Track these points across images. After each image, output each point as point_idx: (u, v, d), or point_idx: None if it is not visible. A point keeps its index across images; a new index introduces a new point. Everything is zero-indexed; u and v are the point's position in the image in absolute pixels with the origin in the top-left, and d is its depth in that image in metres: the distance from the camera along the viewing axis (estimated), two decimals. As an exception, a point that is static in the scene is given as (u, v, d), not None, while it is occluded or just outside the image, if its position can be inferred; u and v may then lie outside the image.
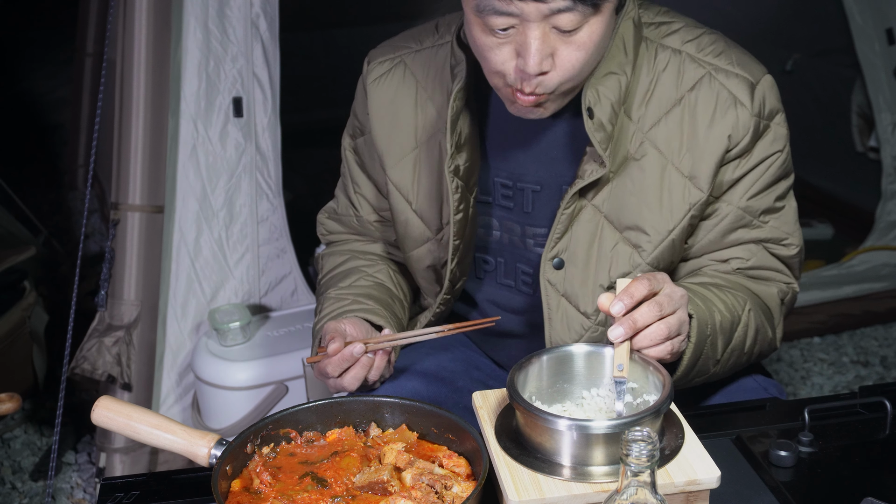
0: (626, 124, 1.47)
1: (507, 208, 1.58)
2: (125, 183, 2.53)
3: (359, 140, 1.70)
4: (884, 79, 3.58)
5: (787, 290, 1.58)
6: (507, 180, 1.57)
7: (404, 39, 1.66)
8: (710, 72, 1.46)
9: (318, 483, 1.19)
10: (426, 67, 1.60)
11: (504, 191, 1.58)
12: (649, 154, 1.47)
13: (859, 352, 3.27)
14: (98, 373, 2.47)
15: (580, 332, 1.53)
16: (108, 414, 1.24)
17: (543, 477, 1.16)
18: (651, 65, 1.48)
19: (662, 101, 1.47)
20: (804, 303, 3.30)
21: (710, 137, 1.45)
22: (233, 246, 2.63)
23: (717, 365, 1.47)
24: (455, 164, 1.50)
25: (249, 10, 2.58)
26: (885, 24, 3.54)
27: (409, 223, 1.62)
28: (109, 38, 2.69)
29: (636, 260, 1.50)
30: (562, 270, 1.52)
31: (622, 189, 1.48)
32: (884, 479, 1.29)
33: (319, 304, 1.66)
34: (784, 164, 1.51)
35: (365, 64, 1.67)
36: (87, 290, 2.94)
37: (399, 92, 1.61)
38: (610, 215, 1.50)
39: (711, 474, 1.16)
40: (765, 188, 1.50)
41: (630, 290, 1.28)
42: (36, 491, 2.65)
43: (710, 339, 1.42)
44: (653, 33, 1.50)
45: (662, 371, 1.24)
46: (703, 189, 1.47)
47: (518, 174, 1.56)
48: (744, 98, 1.45)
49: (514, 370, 1.26)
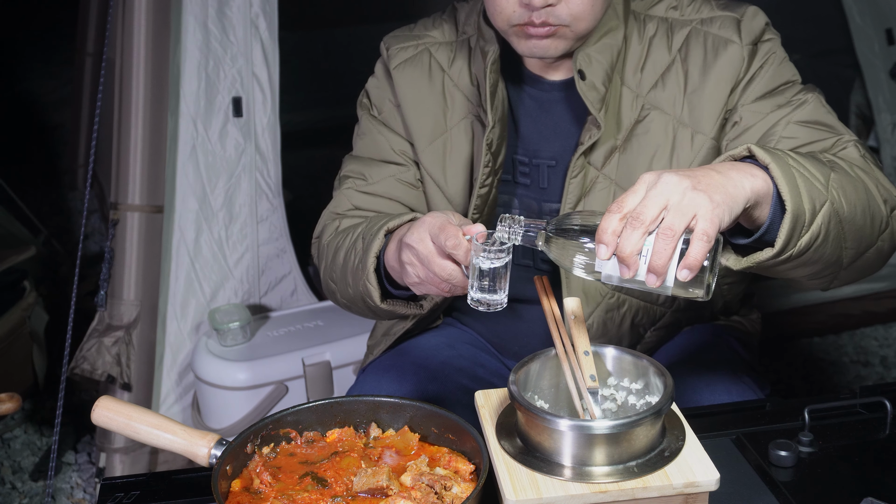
0: (623, 93, 1.54)
1: (525, 185, 1.62)
2: (125, 183, 2.53)
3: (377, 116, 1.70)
4: (883, 79, 3.58)
5: (864, 150, 1.43)
6: (524, 157, 1.61)
7: (424, 28, 1.69)
8: (696, 25, 1.54)
9: (318, 483, 1.19)
10: (452, 58, 1.64)
11: (522, 168, 1.62)
12: (652, 115, 1.53)
13: (859, 352, 3.27)
14: (98, 373, 2.47)
15: (597, 300, 1.58)
16: (108, 414, 1.24)
17: (542, 477, 1.16)
18: (641, 34, 1.55)
19: (657, 65, 1.54)
20: (804, 303, 3.30)
21: (705, 84, 1.51)
22: (232, 246, 2.63)
23: (849, 208, 1.26)
24: (491, 137, 1.54)
25: (249, 9, 2.58)
26: (885, 24, 3.54)
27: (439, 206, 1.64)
28: (109, 38, 2.69)
29: None
30: None
31: (631, 155, 1.54)
32: (884, 479, 1.29)
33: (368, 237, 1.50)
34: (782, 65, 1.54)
35: (383, 49, 1.69)
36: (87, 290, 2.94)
37: (426, 78, 1.64)
38: (621, 181, 1.54)
39: (710, 477, 1.16)
40: (772, 89, 1.52)
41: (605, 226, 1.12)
42: (36, 491, 2.65)
43: (803, 171, 1.22)
44: (639, 6, 1.57)
45: (664, 371, 1.25)
46: (706, 133, 1.52)
47: (533, 150, 1.61)
48: (731, 35, 1.51)
49: (515, 369, 1.26)
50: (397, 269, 1.39)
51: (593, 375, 1.24)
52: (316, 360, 2.47)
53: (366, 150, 1.69)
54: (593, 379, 1.24)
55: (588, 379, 1.24)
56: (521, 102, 1.61)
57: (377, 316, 1.62)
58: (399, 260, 1.35)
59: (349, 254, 1.53)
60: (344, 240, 1.57)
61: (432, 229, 1.28)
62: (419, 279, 1.32)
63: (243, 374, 2.43)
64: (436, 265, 1.28)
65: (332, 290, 1.64)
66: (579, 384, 1.25)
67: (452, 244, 1.25)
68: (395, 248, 1.39)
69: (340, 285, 1.58)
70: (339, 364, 2.48)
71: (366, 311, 1.58)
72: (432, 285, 1.32)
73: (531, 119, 1.61)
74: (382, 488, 1.17)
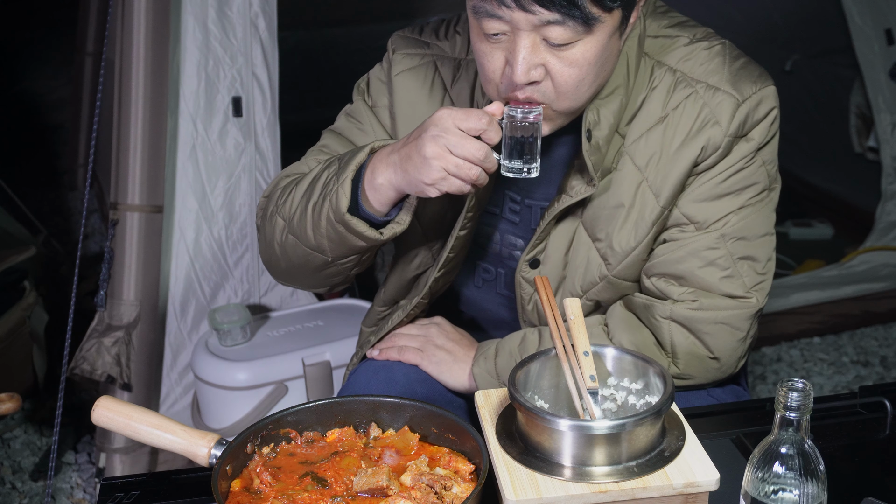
0: (614, 139, 1.47)
1: (513, 223, 1.59)
2: (124, 183, 2.52)
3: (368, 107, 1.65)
4: (883, 79, 3.58)
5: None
6: (517, 195, 1.57)
7: (434, 35, 1.62)
8: (698, 90, 1.44)
9: (318, 483, 1.19)
10: (456, 76, 1.58)
11: (512, 205, 1.58)
12: (626, 169, 1.47)
13: (859, 352, 3.27)
14: (97, 373, 2.47)
15: None
16: (108, 414, 1.24)
17: (542, 477, 1.16)
18: (646, 82, 1.47)
19: (648, 117, 1.46)
20: (804, 303, 3.30)
21: (680, 155, 1.44)
22: (232, 246, 2.63)
23: None
24: None
25: (248, 9, 2.58)
26: (884, 24, 3.54)
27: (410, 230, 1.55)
28: (108, 38, 2.69)
29: (603, 271, 1.51)
30: (537, 269, 1.54)
31: (600, 200, 1.49)
32: (884, 479, 1.29)
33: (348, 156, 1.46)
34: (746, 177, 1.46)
35: (389, 49, 1.63)
36: (87, 291, 2.94)
37: (426, 91, 1.59)
38: (586, 223, 1.51)
39: (710, 477, 1.16)
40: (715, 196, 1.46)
41: None
42: (36, 491, 2.65)
43: None
44: (652, 48, 1.48)
45: (664, 372, 1.25)
46: (664, 206, 1.46)
47: (528, 190, 1.56)
48: (722, 117, 1.43)
49: (515, 369, 1.26)
50: (381, 188, 1.40)
51: (593, 375, 1.24)
52: (316, 360, 2.47)
53: (347, 131, 1.63)
54: (593, 379, 1.24)
55: (588, 379, 1.24)
56: None
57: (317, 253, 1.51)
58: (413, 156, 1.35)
59: (316, 180, 1.49)
60: (305, 178, 1.52)
61: (456, 117, 1.32)
62: (446, 172, 1.33)
63: (243, 374, 2.43)
64: (470, 147, 1.32)
65: (272, 231, 1.56)
66: (579, 384, 1.25)
67: (485, 121, 1.32)
68: (384, 165, 1.39)
69: (294, 215, 1.50)
70: (339, 364, 2.47)
71: (307, 254, 1.51)
72: (462, 173, 1.33)
73: None
74: (382, 488, 1.17)
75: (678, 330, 1.47)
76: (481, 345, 1.61)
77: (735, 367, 1.51)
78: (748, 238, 1.47)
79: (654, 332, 1.49)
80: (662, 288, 1.48)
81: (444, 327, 1.66)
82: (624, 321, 1.51)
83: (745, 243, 1.46)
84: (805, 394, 1.05)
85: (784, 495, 1.08)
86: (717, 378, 1.52)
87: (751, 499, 1.10)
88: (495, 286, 1.65)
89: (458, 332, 1.67)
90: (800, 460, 1.07)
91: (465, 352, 1.62)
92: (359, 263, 1.55)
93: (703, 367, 1.49)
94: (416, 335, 1.64)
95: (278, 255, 1.58)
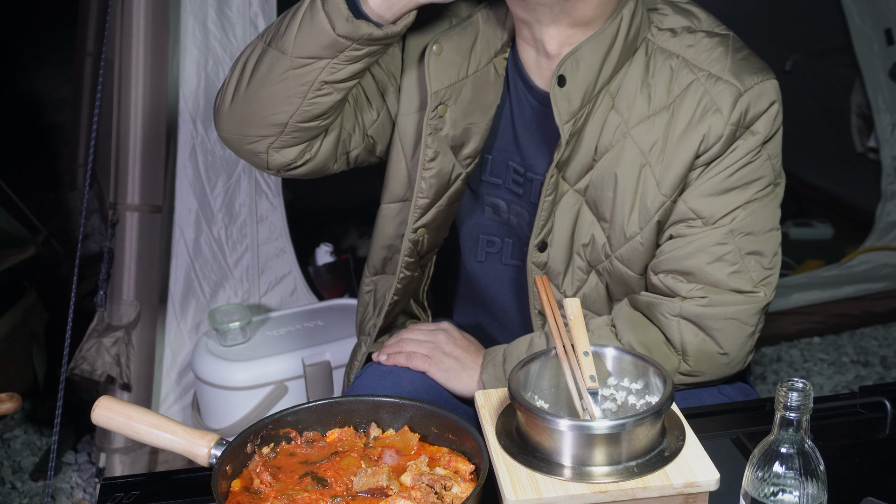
0: (611, 116, 1.47)
1: (517, 195, 1.60)
2: (123, 183, 2.52)
3: None
4: (883, 79, 3.58)
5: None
6: (520, 167, 1.58)
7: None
8: (700, 77, 1.44)
9: (318, 483, 1.19)
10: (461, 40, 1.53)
11: (515, 177, 1.59)
12: (630, 150, 1.47)
13: (859, 352, 3.27)
14: (97, 373, 2.47)
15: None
16: (108, 414, 1.24)
17: (542, 476, 1.16)
18: (645, 64, 1.47)
19: (653, 102, 1.46)
20: (804, 303, 3.30)
21: (682, 143, 1.44)
22: (232, 245, 2.63)
23: None
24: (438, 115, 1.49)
25: (248, 9, 2.58)
26: (884, 24, 3.54)
27: (398, 175, 1.58)
28: (108, 38, 2.69)
29: (608, 250, 1.52)
30: (545, 252, 1.54)
31: (602, 179, 1.49)
32: (884, 479, 1.29)
33: None
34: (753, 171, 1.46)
35: None
36: (87, 291, 2.94)
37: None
38: (589, 201, 1.52)
39: (710, 477, 1.16)
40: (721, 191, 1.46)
41: None
42: (36, 491, 2.65)
43: None
44: (657, 37, 1.49)
45: (664, 372, 1.25)
46: (666, 194, 1.46)
47: (530, 164, 1.57)
48: (723, 105, 1.42)
49: (515, 369, 1.26)
50: None
51: (593, 376, 1.24)
52: (316, 360, 2.47)
53: None
54: (593, 379, 1.24)
55: (588, 379, 1.24)
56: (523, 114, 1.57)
57: (299, 56, 1.42)
58: None
59: None
60: None
61: None
62: None
63: (243, 374, 2.43)
64: None
65: (249, 54, 1.47)
66: (579, 384, 1.25)
67: None
68: None
69: (277, 35, 1.43)
70: (339, 364, 2.47)
71: (288, 64, 1.42)
72: None
73: (530, 133, 1.57)
74: (382, 488, 1.17)
75: (688, 327, 1.47)
76: (488, 351, 1.61)
77: (744, 363, 1.52)
78: (755, 233, 1.47)
79: (662, 330, 1.49)
80: (670, 284, 1.48)
81: (451, 333, 1.66)
82: (631, 321, 1.51)
83: (752, 238, 1.47)
84: (805, 394, 1.06)
85: (784, 496, 1.08)
86: (725, 374, 1.52)
87: (751, 499, 1.10)
88: (500, 257, 1.65)
89: (466, 338, 1.67)
90: (800, 460, 1.07)
91: (472, 359, 1.62)
92: (335, 91, 1.44)
93: (713, 364, 1.50)
94: (425, 341, 1.64)
95: (238, 75, 1.47)
